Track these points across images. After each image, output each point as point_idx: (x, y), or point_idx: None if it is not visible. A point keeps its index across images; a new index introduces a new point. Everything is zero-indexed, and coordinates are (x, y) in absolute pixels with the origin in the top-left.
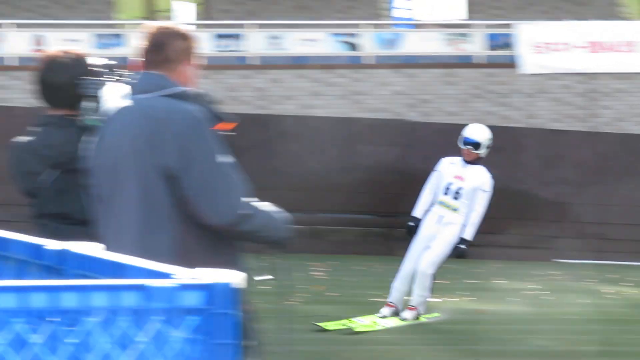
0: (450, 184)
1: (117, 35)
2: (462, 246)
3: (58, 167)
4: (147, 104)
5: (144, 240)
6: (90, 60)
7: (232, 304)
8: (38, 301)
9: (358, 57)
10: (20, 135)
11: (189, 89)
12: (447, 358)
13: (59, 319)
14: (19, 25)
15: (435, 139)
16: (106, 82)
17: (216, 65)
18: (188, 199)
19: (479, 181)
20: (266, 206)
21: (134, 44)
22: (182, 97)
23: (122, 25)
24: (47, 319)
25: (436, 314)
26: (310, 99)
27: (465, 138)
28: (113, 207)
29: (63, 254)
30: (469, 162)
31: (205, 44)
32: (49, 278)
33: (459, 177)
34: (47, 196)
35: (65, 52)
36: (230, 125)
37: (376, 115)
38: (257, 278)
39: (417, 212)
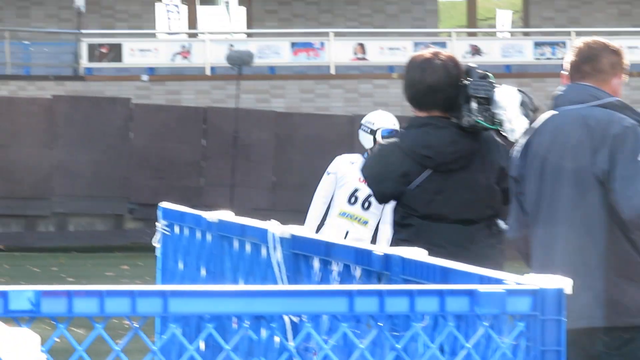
0: (356, 190)
1: (439, 44)
2: None
3: (438, 168)
4: (585, 113)
5: (575, 248)
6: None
7: (560, 310)
8: (365, 305)
9: None
10: (341, 141)
11: (619, 99)
12: None
13: (381, 324)
14: (338, 34)
15: None
16: (496, 86)
17: (535, 73)
18: (609, 195)
19: None
20: None
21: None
22: (614, 107)
23: (444, 34)
24: (378, 323)
25: None
26: None
27: (384, 130)
28: (540, 212)
29: (389, 259)
30: None
31: (525, 52)
32: (373, 282)
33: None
34: (420, 196)
35: (434, 54)
36: None
37: None
38: None
39: (307, 228)
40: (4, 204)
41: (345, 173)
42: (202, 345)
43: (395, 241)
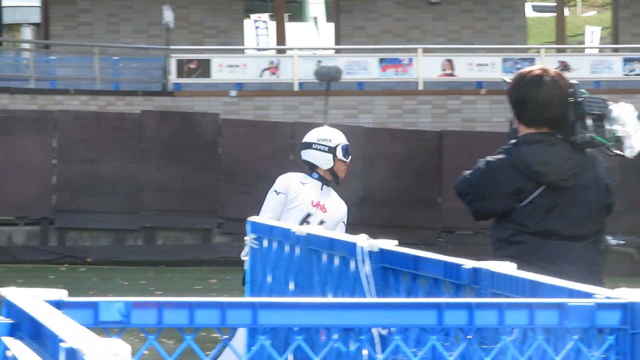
0: (309, 215)
1: (527, 60)
2: None
3: (553, 184)
4: None
5: None
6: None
7: None
8: (454, 318)
9: None
10: (429, 157)
11: None
12: None
13: (471, 337)
14: (427, 50)
15: None
16: (609, 103)
17: (624, 89)
18: None
19: (342, 210)
20: None
21: None
22: None
23: (532, 50)
24: (467, 336)
25: None
26: None
27: (344, 146)
28: None
29: (478, 273)
30: (328, 183)
31: (614, 68)
32: (461, 296)
33: (320, 206)
34: (532, 213)
35: (543, 71)
36: None
37: None
38: None
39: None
40: (93, 217)
41: (297, 194)
42: (290, 358)
43: (501, 258)
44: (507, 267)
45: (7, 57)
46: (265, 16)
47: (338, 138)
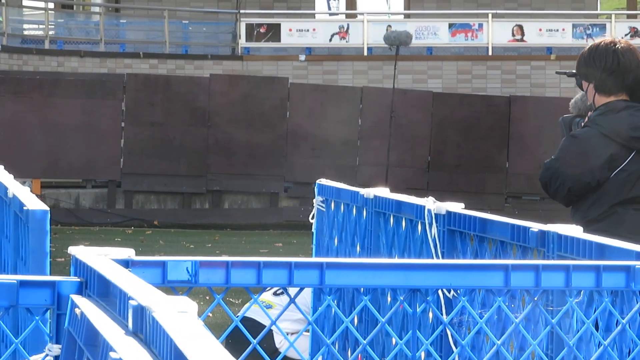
0: None
1: (598, 26)
2: None
3: None
4: None
5: None
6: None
7: None
8: (521, 280)
9: None
10: (498, 122)
11: None
12: None
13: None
14: (497, 16)
15: None
16: None
17: None
18: None
19: None
20: None
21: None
22: None
23: (603, 16)
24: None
25: None
26: None
27: None
28: None
29: (545, 236)
30: None
31: None
32: (528, 259)
33: None
34: (623, 180)
35: (614, 41)
36: None
37: None
38: None
39: None
40: (160, 181)
41: None
42: (355, 321)
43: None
44: (574, 230)
45: (77, 21)
46: None
47: None
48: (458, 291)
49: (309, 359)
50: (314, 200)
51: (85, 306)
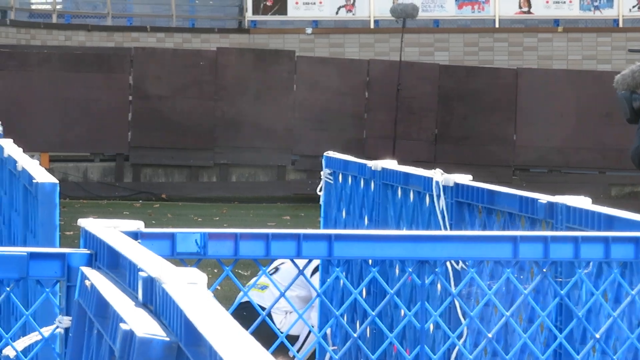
0: None
1: None
2: None
3: None
4: None
5: None
6: None
7: None
8: (529, 251)
9: None
10: (504, 94)
11: None
12: None
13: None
14: None
15: None
16: None
17: None
18: None
19: None
20: None
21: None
22: None
23: None
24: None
25: None
26: None
27: None
28: None
29: (553, 207)
30: None
31: None
32: (537, 231)
33: None
34: None
35: None
36: None
37: None
38: None
39: None
40: (168, 154)
41: None
42: (363, 293)
43: None
44: (583, 202)
45: None
46: None
47: None
48: (466, 263)
49: (318, 331)
50: (322, 173)
51: (95, 278)
